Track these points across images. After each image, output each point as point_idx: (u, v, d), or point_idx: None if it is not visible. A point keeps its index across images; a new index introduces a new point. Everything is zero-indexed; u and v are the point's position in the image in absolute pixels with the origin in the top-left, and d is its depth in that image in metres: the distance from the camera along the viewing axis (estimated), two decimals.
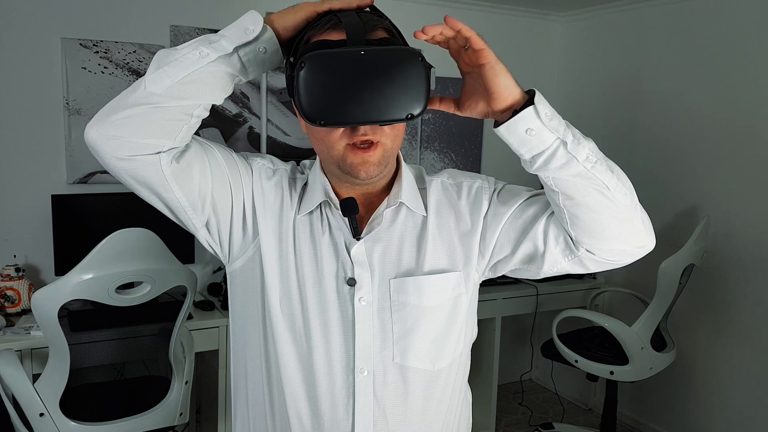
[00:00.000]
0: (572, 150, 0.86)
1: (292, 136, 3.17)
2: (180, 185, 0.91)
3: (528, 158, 0.88)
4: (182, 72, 0.85)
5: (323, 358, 0.98)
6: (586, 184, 0.88)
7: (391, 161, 0.98)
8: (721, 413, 2.99)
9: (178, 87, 0.85)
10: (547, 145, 0.86)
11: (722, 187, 2.94)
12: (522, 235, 1.00)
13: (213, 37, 0.89)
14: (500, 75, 0.84)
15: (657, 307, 2.72)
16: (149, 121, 0.85)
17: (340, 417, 0.98)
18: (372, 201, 1.03)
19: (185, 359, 2.22)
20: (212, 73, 0.86)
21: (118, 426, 2.07)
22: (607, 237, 0.93)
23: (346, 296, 0.98)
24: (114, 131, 0.86)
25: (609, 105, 3.52)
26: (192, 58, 0.85)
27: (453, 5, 3.42)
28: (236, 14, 0.94)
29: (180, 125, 0.87)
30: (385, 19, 0.95)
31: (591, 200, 0.89)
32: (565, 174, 0.87)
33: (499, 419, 3.40)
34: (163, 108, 0.85)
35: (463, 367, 1.08)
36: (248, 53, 0.89)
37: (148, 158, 0.87)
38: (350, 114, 0.85)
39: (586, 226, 0.92)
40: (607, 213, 0.91)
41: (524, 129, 0.85)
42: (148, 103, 0.85)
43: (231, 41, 0.87)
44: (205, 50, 0.86)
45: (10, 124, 2.62)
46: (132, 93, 0.86)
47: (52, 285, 1.88)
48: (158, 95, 0.85)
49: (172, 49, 0.88)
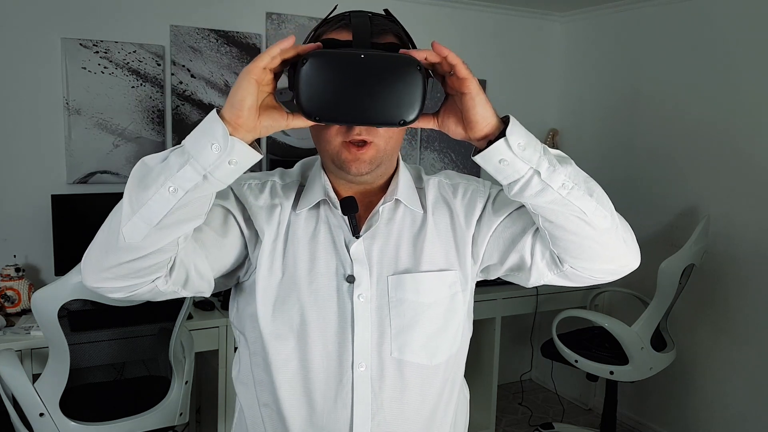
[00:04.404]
0: (546, 178, 0.87)
1: (292, 136, 3.17)
2: (184, 287, 0.94)
3: (505, 185, 0.90)
4: (156, 216, 0.81)
5: (321, 354, 0.99)
6: (562, 210, 0.90)
7: (386, 161, 1.00)
8: (721, 413, 2.99)
9: (157, 231, 0.83)
10: (521, 174, 0.87)
11: (722, 187, 2.94)
12: (510, 245, 1.03)
13: (178, 159, 0.81)
14: (479, 106, 0.85)
15: (657, 307, 2.72)
16: (139, 268, 0.86)
17: (339, 411, 1.00)
18: (371, 200, 1.05)
19: (185, 359, 2.22)
20: (186, 204, 0.82)
21: (118, 426, 2.07)
22: (588, 258, 0.96)
23: (345, 293, 1.00)
24: (107, 283, 0.89)
25: (609, 104, 3.53)
26: (163, 198, 0.81)
27: (453, 5, 3.42)
28: (236, 14, 0.94)
29: (170, 255, 0.87)
30: (396, 25, 0.97)
31: (569, 224, 0.91)
32: (540, 201, 0.89)
33: (499, 419, 3.40)
34: (148, 256, 0.85)
35: (459, 364, 1.10)
36: (218, 172, 0.82)
37: (145, 288, 0.90)
38: (346, 113, 0.87)
39: (566, 247, 0.95)
40: (586, 236, 0.93)
41: (497, 159, 0.86)
42: (132, 256, 0.85)
43: (196, 168, 0.80)
44: (173, 185, 0.80)
45: (10, 124, 2.62)
46: (113, 239, 0.85)
47: (52, 285, 1.88)
48: (138, 245, 0.84)
49: (142, 177, 0.82)
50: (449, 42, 3.38)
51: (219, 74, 2.96)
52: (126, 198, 0.83)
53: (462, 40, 3.48)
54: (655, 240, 3.19)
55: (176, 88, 2.89)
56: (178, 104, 2.90)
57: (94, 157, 2.75)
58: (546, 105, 3.82)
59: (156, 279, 0.89)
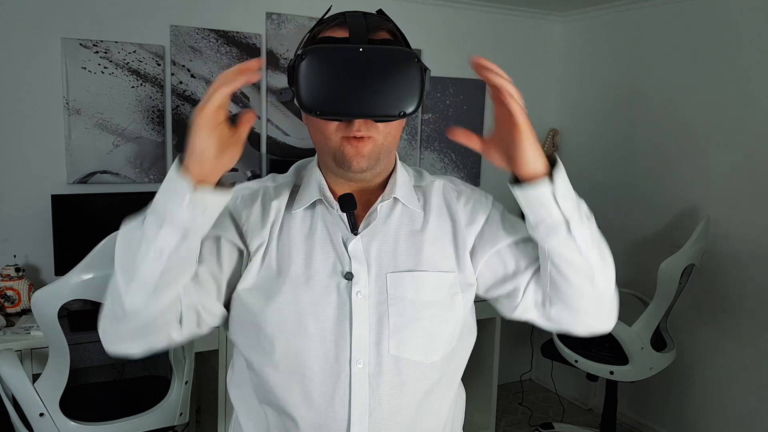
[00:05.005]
0: (574, 230, 0.90)
1: (292, 136, 3.17)
2: (199, 327, 0.97)
3: (532, 222, 0.93)
4: (150, 281, 0.84)
5: (319, 351, 0.99)
6: (575, 261, 0.93)
7: (384, 157, 1.00)
8: (721, 413, 2.99)
9: (155, 294, 0.86)
10: (552, 219, 0.90)
11: (722, 187, 2.95)
12: (508, 274, 1.05)
13: (155, 222, 0.83)
14: (529, 147, 0.86)
15: (657, 307, 2.72)
16: (149, 332, 0.91)
17: (337, 408, 0.99)
18: (368, 199, 1.05)
19: (185, 359, 2.22)
20: (177, 261, 0.85)
21: (118, 426, 2.07)
22: (577, 309, 1.00)
23: (343, 290, 1.00)
24: (126, 348, 0.94)
25: (609, 104, 3.53)
26: (151, 263, 0.83)
27: (453, 5, 3.42)
28: (236, 14, 0.95)
29: (176, 307, 0.91)
30: (390, 22, 0.99)
31: (576, 277, 0.95)
32: (559, 248, 0.92)
33: (499, 419, 3.40)
34: (154, 319, 0.89)
35: (458, 363, 1.10)
36: (195, 225, 0.84)
37: (163, 343, 0.95)
38: (345, 107, 0.89)
39: (563, 295, 0.98)
40: (585, 291, 0.97)
41: (535, 198, 0.89)
42: (140, 322, 0.88)
43: (174, 227, 0.82)
44: (156, 249, 0.82)
45: (10, 124, 2.62)
46: (119, 310, 0.88)
47: (52, 285, 1.88)
48: (142, 311, 0.87)
49: (127, 247, 0.85)
50: (449, 41, 3.38)
51: (219, 74, 2.96)
52: (118, 269, 0.87)
53: (462, 40, 3.48)
54: (655, 240, 3.19)
55: (176, 88, 2.89)
56: (178, 104, 2.90)
57: (94, 157, 2.75)
58: (546, 105, 3.82)
59: (170, 332, 0.93)
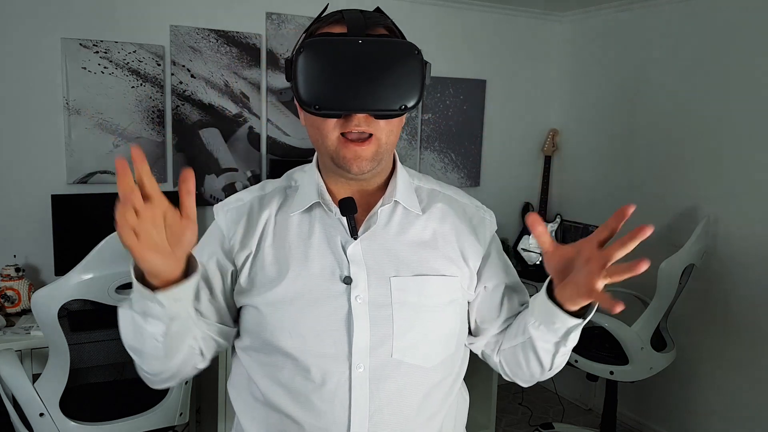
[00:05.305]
0: (570, 340, 0.98)
1: (292, 136, 3.17)
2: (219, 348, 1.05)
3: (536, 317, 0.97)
4: (158, 354, 0.92)
5: (319, 355, 0.98)
6: (544, 359, 1.01)
7: (386, 158, 0.99)
8: (721, 413, 2.99)
9: (167, 359, 0.94)
10: (556, 334, 0.96)
11: (722, 187, 2.94)
12: (485, 315, 1.10)
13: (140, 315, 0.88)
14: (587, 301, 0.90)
15: (657, 307, 2.72)
16: (178, 374, 0.99)
17: (337, 412, 0.98)
18: (368, 200, 1.04)
19: None
20: (174, 335, 0.90)
21: (118, 426, 2.07)
22: (515, 375, 1.10)
23: (342, 294, 0.99)
24: (165, 386, 1.04)
25: (609, 105, 3.53)
26: (150, 343, 0.90)
27: (453, 5, 3.42)
28: (236, 14, 0.94)
29: (194, 347, 0.98)
30: (387, 19, 0.97)
31: (535, 363, 1.03)
32: (546, 344, 0.99)
33: (499, 419, 3.40)
34: (177, 370, 0.98)
35: (458, 366, 1.10)
36: (174, 315, 0.87)
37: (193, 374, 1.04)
38: (345, 102, 0.86)
39: (513, 364, 1.08)
40: (534, 373, 1.06)
41: (559, 319, 0.93)
42: (166, 377, 0.98)
43: (157, 318, 0.87)
44: (151, 335, 0.89)
45: (10, 124, 2.62)
46: (143, 372, 0.99)
47: (52, 285, 1.88)
48: (161, 372, 0.97)
49: (125, 323, 0.92)
50: (449, 41, 3.38)
51: (219, 74, 2.96)
52: (127, 347, 0.94)
53: (462, 40, 3.48)
54: (655, 240, 3.18)
55: (176, 88, 2.89)
56: (178, 104, 2.90)
57: (94, 157, 2.75)
58: (546, 105, 3.82)
59: (196, 365, 1.01)
